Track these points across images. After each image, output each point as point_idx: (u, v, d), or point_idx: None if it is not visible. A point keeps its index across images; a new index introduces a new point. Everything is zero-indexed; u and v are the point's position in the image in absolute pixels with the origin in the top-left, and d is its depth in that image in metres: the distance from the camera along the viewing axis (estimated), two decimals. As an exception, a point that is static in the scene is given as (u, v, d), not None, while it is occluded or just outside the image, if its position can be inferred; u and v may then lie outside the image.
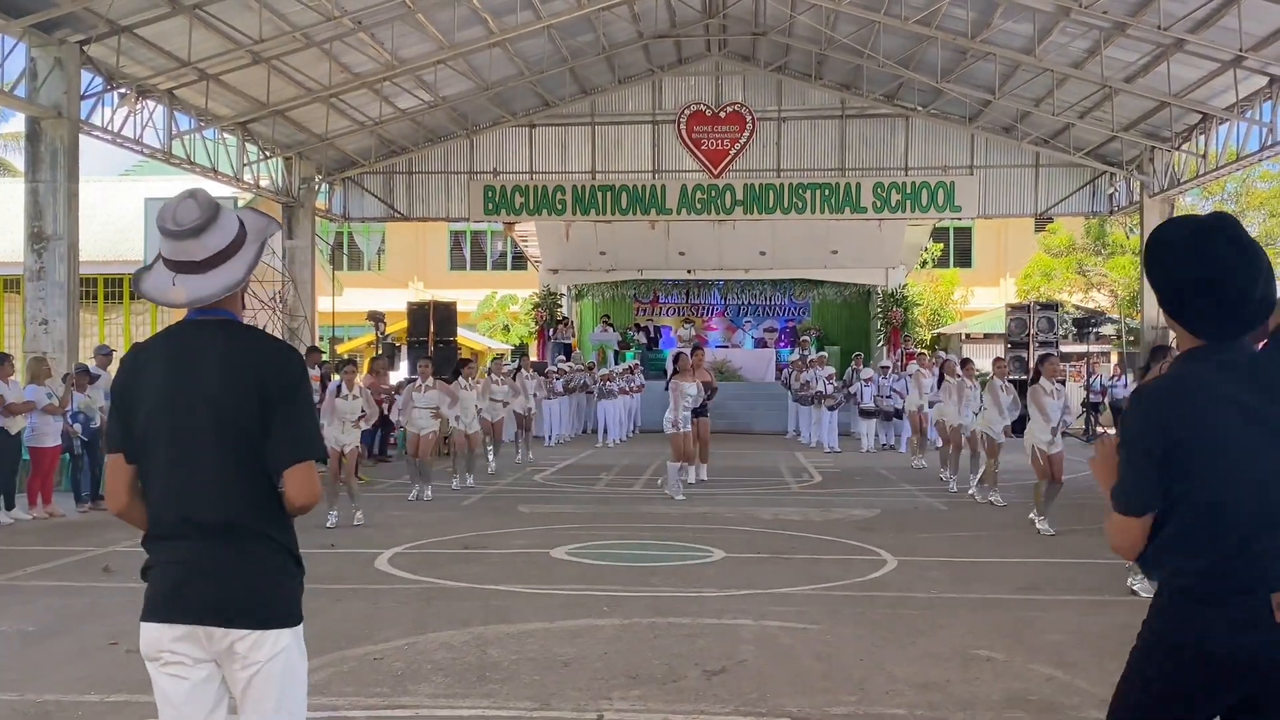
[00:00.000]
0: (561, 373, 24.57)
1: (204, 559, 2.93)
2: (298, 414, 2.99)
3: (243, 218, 3.08)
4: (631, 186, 26.37)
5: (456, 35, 20.38)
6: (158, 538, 2.98)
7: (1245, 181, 35.86)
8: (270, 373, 2.98)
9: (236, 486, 2.94)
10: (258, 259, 3.06)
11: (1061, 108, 22.69)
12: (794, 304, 34.00)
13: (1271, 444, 2.66)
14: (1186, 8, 17.19)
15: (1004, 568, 9.87)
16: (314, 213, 25.87)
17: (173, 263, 2.98)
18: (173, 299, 2.99)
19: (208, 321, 3.02)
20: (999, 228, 40.37)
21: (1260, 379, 2.71)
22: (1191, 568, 2.70)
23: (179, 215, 2.96)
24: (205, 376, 2.95)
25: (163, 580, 2.95)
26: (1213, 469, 2.67)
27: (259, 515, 2.97)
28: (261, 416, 2.93)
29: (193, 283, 2.96)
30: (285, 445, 2.95)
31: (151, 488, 3.00)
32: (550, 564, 9.75)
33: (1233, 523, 2.66)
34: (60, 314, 16.40)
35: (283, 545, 3.02)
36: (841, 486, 16.04)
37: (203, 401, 2.93)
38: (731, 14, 24.53)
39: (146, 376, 3.02)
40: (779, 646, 6.92)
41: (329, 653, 6.64)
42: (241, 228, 3.04)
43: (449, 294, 31.59)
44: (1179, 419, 2.69)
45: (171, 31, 17.56)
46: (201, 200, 2.99)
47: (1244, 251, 2.72)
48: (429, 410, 14.44)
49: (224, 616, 2.90)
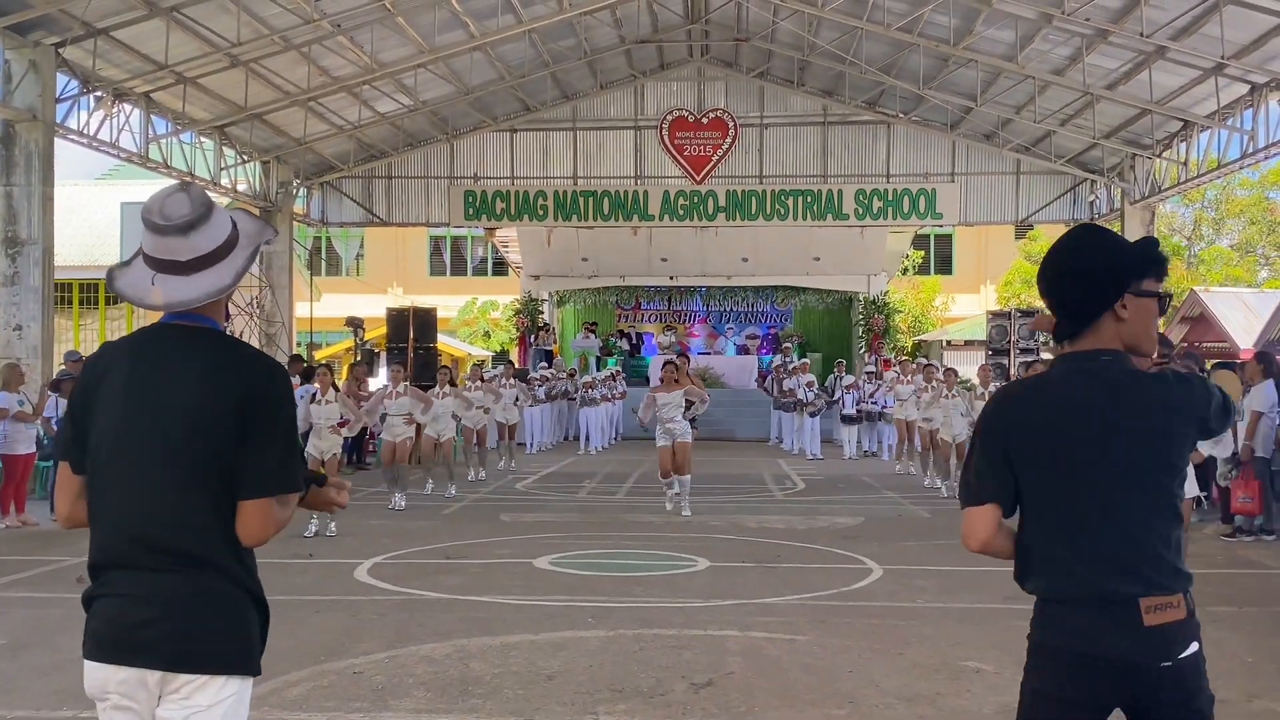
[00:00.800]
0: (544, 379, 24.43)
1: (156, 593, 2.64)
2: (274, 440, 2.70)
3: (237, 220, 2.82)
4: (614, 192, 26.26)
5: (437, 39, 20.24)
6: (107, 565, 2.70)
7: (1225, 189, 36.07)
8: (252, 390, 2.69)
9: (199, 512, 2.65)
10: (248, 266, 2.81)
11: (1043, 115, 22.72)
12: (776, 311, 33.97)
13: (1118, 449, 2.67)
14: (1168, 15, 17.22)
15: (990, 576, 9.75)
16: (292, 217, 25.67)
17: (154, 260, 2.70)
18: (149, 300, 2.72)
19: (185, 327, 2.75)
20: (979, 235, 40.50)
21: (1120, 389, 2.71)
22: (1048, 571, 2.73)
23: (167, 209, 2.69)
24: (177, 388, 2.67)
25: (109, 615, 2.68)
26: (1061, 474, 2.70)
27: (221, 547, 2.67)
28: (234, 439, 2.65)
29: (173, 285, 2.69)
30: (247, 475, 2.66)
31: (103, 506, 2.70)
32: (533, 574, 9.63)
33: (1081, 527, 2.68)
34: (34, 319, 16.19)
35: (244, 583, 2.72)
36: (825, 494, 15.97)
37: (171, 415, 2.65)
38: (714, 20, 24.49)
39: (109, 382, 2.73)
40: (766, 658, 6.82)
41: (308, 666, 6.51)
42: (234, 230, 2.78)
43: (429, 300, 31.37)
44: (1023, 420, 2.75)
45: (148, 34, 17.37)
46: (194, 195, 2.74)
47: None
48: (402, 416, 14.27)
49: (174, 661, 2.63)
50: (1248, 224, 37.50)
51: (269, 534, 2.71)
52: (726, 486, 16.70)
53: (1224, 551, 11.16)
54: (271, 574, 10.12)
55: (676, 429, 13.30)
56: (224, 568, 2.68)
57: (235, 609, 2.71)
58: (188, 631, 2.64)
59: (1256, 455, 11.74)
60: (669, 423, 13.27)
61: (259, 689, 6.03)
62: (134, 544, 2.66)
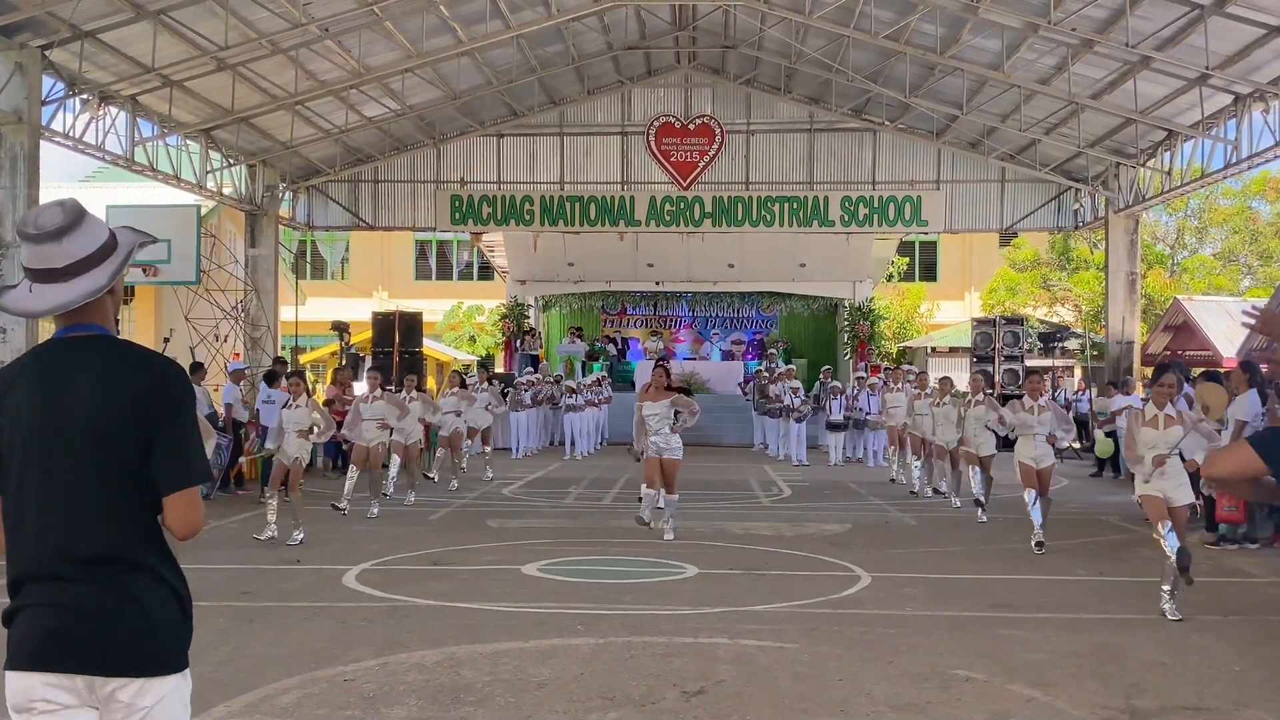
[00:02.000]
0: (530, 384, 24.40)
1: (82, 601, 2.66)
2: (181, 436, 2.76)
3: (115, 230, 2.89)
4: (600, 198, 26.27)
5: (425, 44, 20.21)
6: (29, 578, 2.71)
7: (1209, 198, 36.30)
8: (151, 391, 2.74)
9: (116, 517, 2.71)
10: (121, 270, 2.84)
11: (1028, 123, 22.82)
12: (762, 316, 34.03)
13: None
14: (1154, 26, 17.32)
15: (978, 584, 9.84)
16: (278, 221, 25.57)
17: (33, 271, 2.78)
18: (29, 307, 2.78)
19: (79, 338, 2.80)
20: (964, 242, 40.66)
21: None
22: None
23: (41, 219, 2.76)
24: (78, 397, 2.72)
25: (35, 625, 2.68)
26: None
27: (141, 548, 2.73)
28: (141, 439, 2.71)
29: (51, 291, 2.76)
30: (167, 471, 2.73)
31: (20, 521, 2.73)
32: (521, 580, 9.61)
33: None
34: (19, 322, 16.04)
35: (168, 582, 2.76)
36: (812, 500, 16.00)
37: (76, 424, 2.71)
38: (701, 26, 24.52)
39: (12, 399, 2.77)
40: (757, 666, 6.82)
41: (298, 673, 6.48)
42: (111, 238, 2.84)
43: (414, 304, 31.39)
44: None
45: (135, 37, 17.29)
46: (68, 206, 2.80)
47: None
48: (376, 421, 14.21)
49: (106, 665, 2.66)
50: (1230, 233, 37.74)
51: (200, 521, 2.77)
52: (713, 493, 16.71)
53: (1210, 560, 11.22)
54: (259, 580, 10.09)
55: (664, 443, 12.01)
56: (148, 568, 2.73)
57: (163, 609, 2.73)
58: (120, 636, 2.67)
59: (1241, 464, 11.79)
60: (656, 435, 11.99)
61: (249, 697, 6.03)
62: (55, 556, 2.69)
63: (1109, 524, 13.57)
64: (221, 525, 13.18)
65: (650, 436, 12.05)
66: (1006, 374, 26.50)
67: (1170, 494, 8.45)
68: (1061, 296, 36.99)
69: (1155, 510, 8.40)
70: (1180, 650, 7.35)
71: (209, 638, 6.99)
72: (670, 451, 12.07)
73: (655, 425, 12.04)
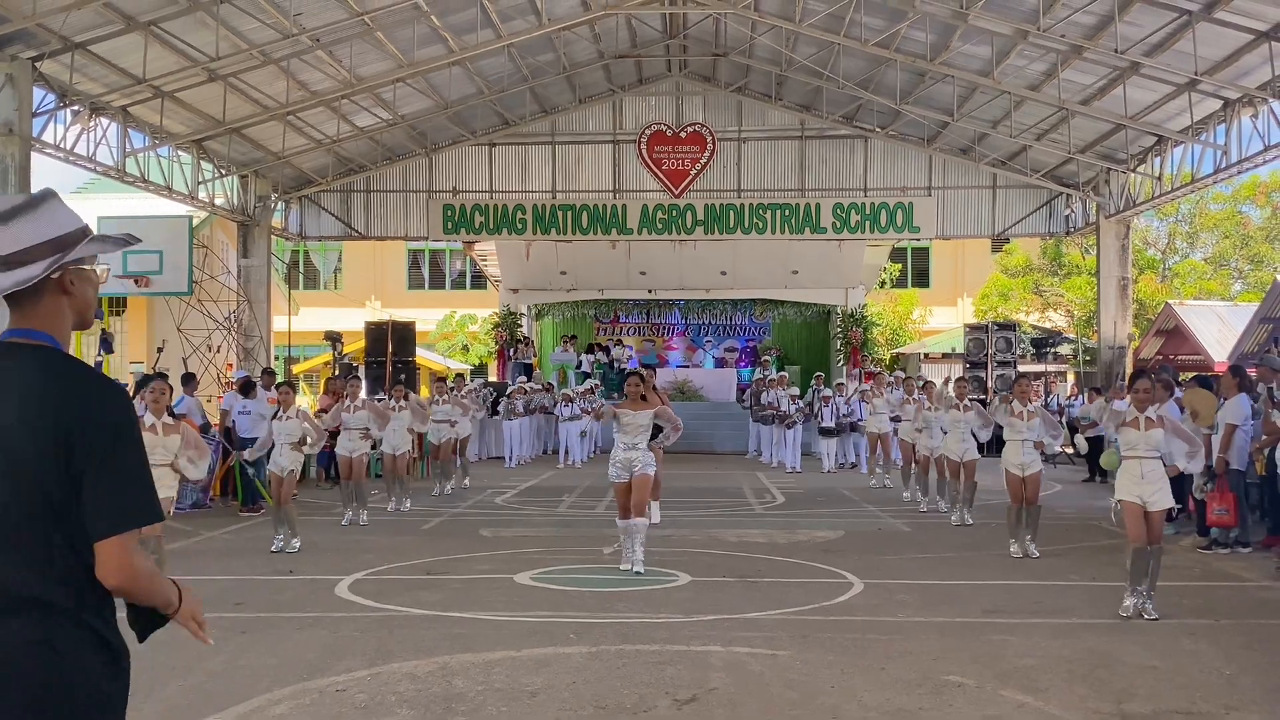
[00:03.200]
0: (523, 392, 24.39)
1: None
2: (117, 471, 2.41)
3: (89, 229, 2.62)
4: (592, 206, 26.32)
5: (416, 53, 20.24)
6: None
7: (1199, 203, 36.40)
8: (81, 418, 2.40)
9: (35, 555, 2.38)
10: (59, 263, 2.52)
11: (1019, 130, 22.91)
12: (754, 324, 34.05)
13: None
14: (1143, 31, 17.41)
15: (970, 590, 9.84)
16: (270, 231, 25.58)
17: None
18: None
19: (15, 345, 2.50)
20: (956, 248, 40.77)
21: None
22: None
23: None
24: None
25: None
26: None
27: (60, 590, 2.38)
28: (70, 476, 2.37)
29: None
30: (100, 513, 2.38)
31: None
32: (514, 589, 9.61)
33: None
34: (11, 334, 16.05)
35: (99, 634, 2.42)
36: (805, 507, 16.00)
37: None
38: (692, 35, 24.59)
39: None
40: (749, 674, 6.83)
41: (290, 684, 6.47)
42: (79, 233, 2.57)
43: (407, 313, 31.33)
44: None
45: (126, 48, 17.31)
46: (33, 193, 2.58)
47: None
48: (358, 431, 14.20)
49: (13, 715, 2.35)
50: (1221, 238, 37.83)
51: (133, 572, 2.43)
52: (706, 500, 16.71)
53: (1200, 564, 11.25)
54: (251, 591, 10.09)
55: (635, 459, 10.34)
56: (67, 613, 2.40)
57: (79, 657, 2.40)
58: (39, 697, 2.36)
59: (1231, 468, 11.85)
60: (628, 450, 10.36)
61: (241, 707, 6.03)
62: None
63: (1100, 529, 13.59)
64: (214, 537, 13.17)
65: (621, 452, 10.39)
66: (999, 379, 26.53)
67: (1148, 499, 8.57)
68: (1054, 302, 37.05)
69: (1134, 524, 8.56)
70: (1171, 654, 7.37)
71: (201, 649, 6.97)
72: (641, 469, 10.37)
73: (630, 437, 10.39)
